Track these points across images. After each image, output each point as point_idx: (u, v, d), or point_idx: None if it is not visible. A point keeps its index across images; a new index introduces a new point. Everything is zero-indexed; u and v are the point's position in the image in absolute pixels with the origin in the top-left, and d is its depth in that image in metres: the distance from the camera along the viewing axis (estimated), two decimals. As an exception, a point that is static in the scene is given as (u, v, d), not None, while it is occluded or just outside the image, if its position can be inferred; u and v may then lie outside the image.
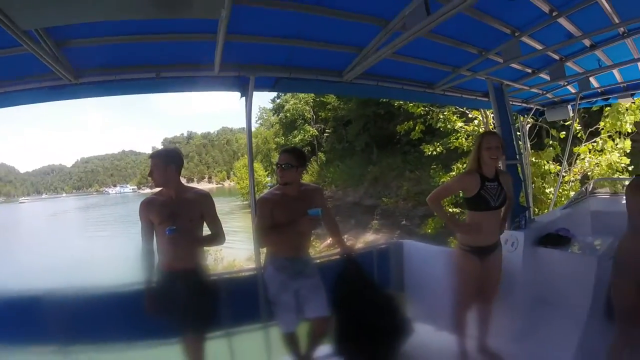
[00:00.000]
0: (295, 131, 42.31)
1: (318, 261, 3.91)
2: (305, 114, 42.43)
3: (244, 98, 3.87)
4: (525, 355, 3.77)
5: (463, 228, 3.75)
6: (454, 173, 14.18)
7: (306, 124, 42.38)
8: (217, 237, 3.43)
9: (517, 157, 4.87)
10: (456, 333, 3.88)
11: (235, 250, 23.18)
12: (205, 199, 3.40)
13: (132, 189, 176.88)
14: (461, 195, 3.82)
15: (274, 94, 44.40)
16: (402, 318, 3.91)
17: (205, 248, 3.58)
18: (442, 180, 15.05)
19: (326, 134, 41.14)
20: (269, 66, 3.77)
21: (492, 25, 3.60)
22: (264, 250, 3.73)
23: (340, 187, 34.85)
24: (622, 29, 4.10)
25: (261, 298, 3.65)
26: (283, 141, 43.43)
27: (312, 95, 37.60)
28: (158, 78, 3.45)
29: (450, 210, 12.45)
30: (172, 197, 3.27)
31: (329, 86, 4.32)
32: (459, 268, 3.76)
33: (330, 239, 22.91)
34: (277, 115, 48.22)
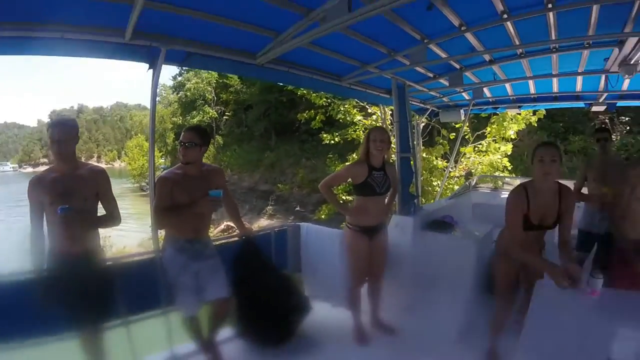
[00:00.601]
0: (194, 112, 39.87)
1: (216, 243, 3.84)
2: (207, 95, 40.22)
3: (151, 70, 3.64)
4: (415, 327, 4.14)
5: (350, 211, 4.12)
6: (349, 163, 14.71)
7: (206, 105, 40.16)
8: (113, 217, 3.22)
9: (411, 151, 5.26)
10: (351, 309, 4.22)
11: (126, 235, 21.73)
12: (101, 175, 3.18)
13: (13, 167, 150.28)
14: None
15: (176, 71, 42.53)
16: (300, 297, 4.13)
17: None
18: (337, 169, 15.57)
19: (225, 117, 39.64)
20: (182, 39, 3.61)
21: (405, 29, 3.82)
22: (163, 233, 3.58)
23: (236, 171, 34.39)
24: (520, 50, 4.58)
25: (160, 282, 3.46)
26: (180, 121, 40.84)
27: (215, 75, 36.56)
28: (63, 39, 3.10)
29: (343, 197, 12.93)
30: (66, 173, 2.98)
31: (240, 67, 4.23)
32: (349, 246, 4.10)
33: (225, 224, 23.09)
34: (177, 94, 44.88)
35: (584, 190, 4.76)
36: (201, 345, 3.61)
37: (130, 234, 22.27)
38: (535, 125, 13.50)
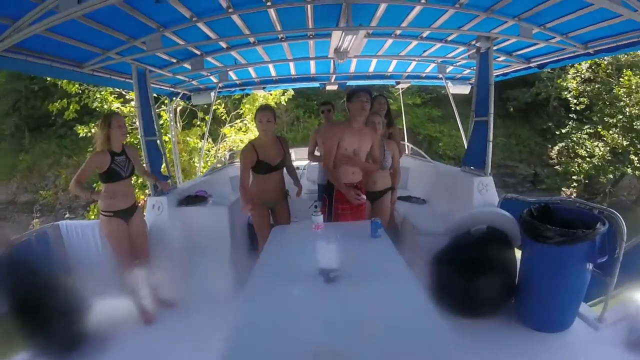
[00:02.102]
0: None
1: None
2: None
3: None
4: (192, 293, 4.53)
5: (101, 199, 4.18)
6: (90, 154, 14.04)
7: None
8: None
9: (157, 134, 5.48)
10: (129, 293, 4.34)
11: None
12: None
13: None
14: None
15: None
16: (76, 298, 4.04)
17: None
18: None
19: (-35, 114, 32.39)
20: None
21: (140, 19, 4.05)
22: None
23: (-13, 183, 28.36)
24: (252, 39, 5.25)
25: None
26: None
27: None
28: None
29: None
30: None
31: (-27, 57, 3.94)
32: (109, 233, 4.23)
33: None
34: None
35: (317, 153, 5.75)
36: None
37: None
38: (285, 104, 15.23)
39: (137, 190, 11.47)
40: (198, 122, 14.10)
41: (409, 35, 5.47)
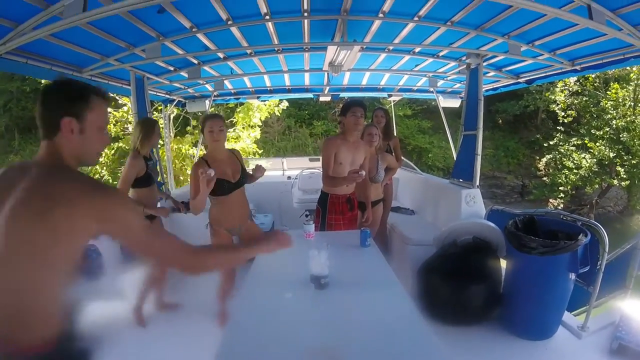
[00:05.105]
0: None
1: None
2: None
3: None
4: (178, 298, 4.66)
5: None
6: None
7: None
8: None
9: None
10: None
11: None
12: None
13: None
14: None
15: None
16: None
17: None
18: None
19: (-42, 116, 31.37)
20: None
21: (140, 27, 4.11)
22: None
23: (-27, 187, 27.33)
24: (249, 50, 5.33)
25: None
26: None
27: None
28: None
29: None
30: None
31: (-24, 59, 3.93)
32: None
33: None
34: None
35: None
36: None
37: None
38: (280, 114, 15.23)
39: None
40: (191, 130, 14.13)
41: (401, 51, 5.64)
